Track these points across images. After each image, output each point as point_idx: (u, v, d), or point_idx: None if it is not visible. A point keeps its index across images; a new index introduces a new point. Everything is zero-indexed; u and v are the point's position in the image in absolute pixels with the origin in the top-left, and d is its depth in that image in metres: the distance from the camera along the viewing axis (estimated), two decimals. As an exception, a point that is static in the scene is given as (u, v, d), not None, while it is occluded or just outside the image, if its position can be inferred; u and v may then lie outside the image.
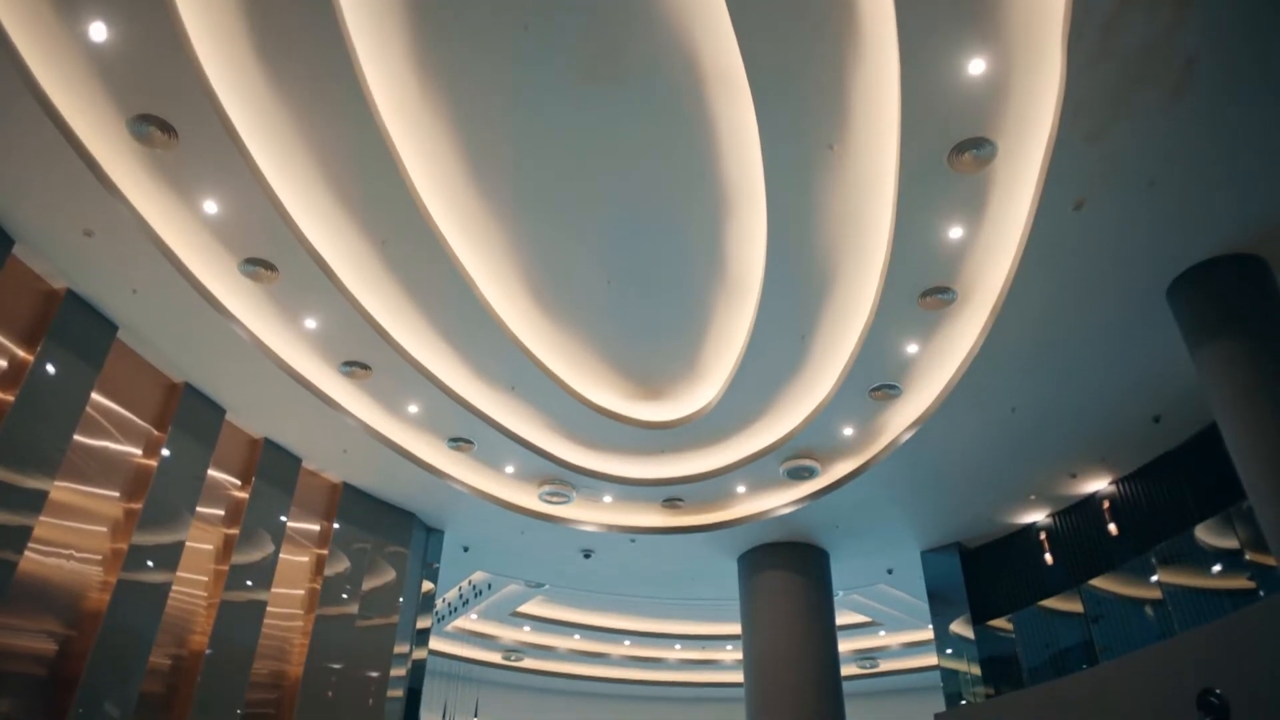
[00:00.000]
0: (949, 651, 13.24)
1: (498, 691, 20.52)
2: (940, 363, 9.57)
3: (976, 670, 12.67)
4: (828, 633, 13.24)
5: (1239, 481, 8.26)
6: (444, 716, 16.79)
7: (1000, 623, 12.56)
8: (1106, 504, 11.83)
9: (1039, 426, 10.47)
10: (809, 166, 7.33)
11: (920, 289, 8.42)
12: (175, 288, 8.16)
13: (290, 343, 9.41)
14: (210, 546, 10.31)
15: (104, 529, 8.92)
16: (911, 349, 9.30)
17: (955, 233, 7.79)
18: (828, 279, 8.72)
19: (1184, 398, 9.71)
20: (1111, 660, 10.49)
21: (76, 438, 8.48)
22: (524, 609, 18.08)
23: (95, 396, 8.76)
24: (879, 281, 8.31)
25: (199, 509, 9.94)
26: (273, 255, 8.11)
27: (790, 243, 8.07)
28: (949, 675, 13.17)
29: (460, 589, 16.25)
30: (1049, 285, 8.23)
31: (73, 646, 8.37)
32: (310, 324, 9.06)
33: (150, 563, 9.14)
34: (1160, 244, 7.89)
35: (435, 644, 18.45)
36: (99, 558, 8.80)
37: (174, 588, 9.47)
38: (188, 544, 9.71)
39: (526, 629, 19.15)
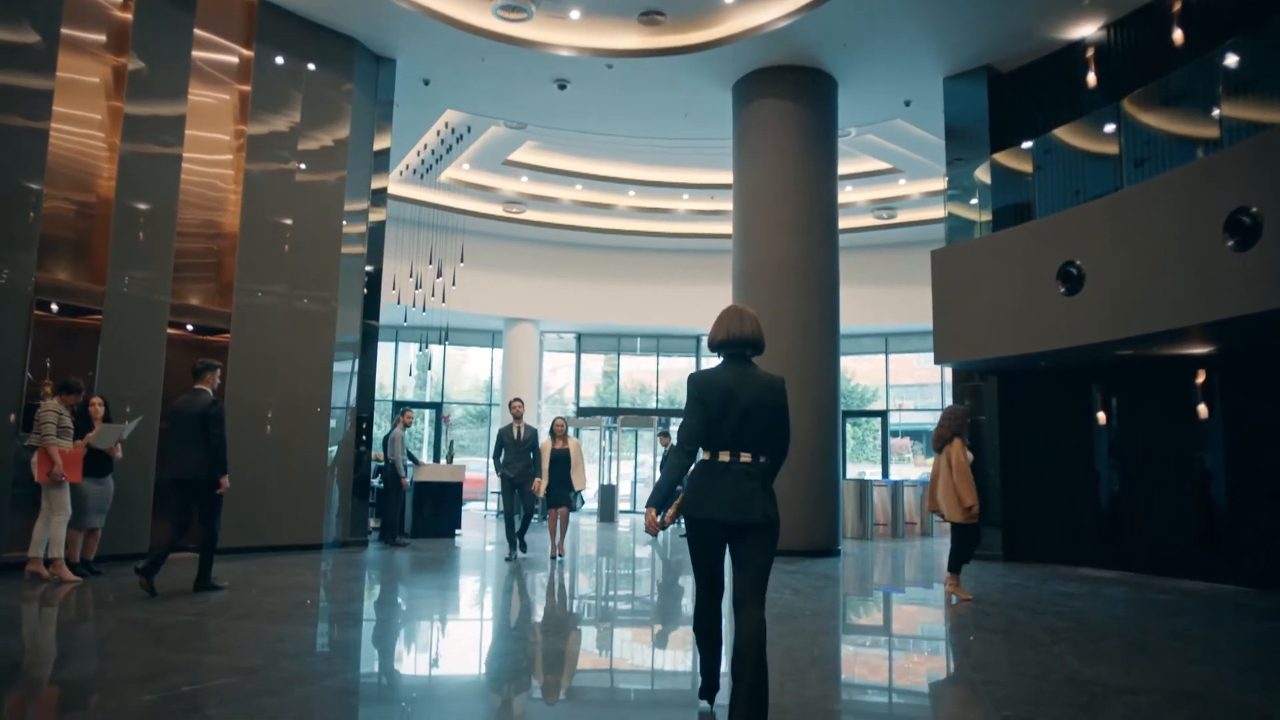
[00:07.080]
0: (973, 202, 11.67)
1: (500, 244, 20.10)
2: None
3: (988, 217, 11.22)
4: (828, 170, 11.83)
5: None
6: (430, 263, 16.33)
7: (1021, 165, 10.84)
8: (1178, 6, 9.67)
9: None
10: None
11: None
12: None
13: None
14: (96, 80, 8.81)
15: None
16: None
17: None
18: None
19: None
20: (1131, 185, 9.06)
21: None
22: (516, 157, 16.84)
23: None
24: None
25: (66, 31, 8.29)
26: None
27: None
28: (958, 225, 11.76)
29: (439, 133, 14.88)
30: None
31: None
32: None
33: (9, 96, 7.77)
34: None
35: (425, 195, 17.64)
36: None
37: (59, 125, 8.24)
38: (65, 75, 8.27)
39: (524, 179, 18.09)
